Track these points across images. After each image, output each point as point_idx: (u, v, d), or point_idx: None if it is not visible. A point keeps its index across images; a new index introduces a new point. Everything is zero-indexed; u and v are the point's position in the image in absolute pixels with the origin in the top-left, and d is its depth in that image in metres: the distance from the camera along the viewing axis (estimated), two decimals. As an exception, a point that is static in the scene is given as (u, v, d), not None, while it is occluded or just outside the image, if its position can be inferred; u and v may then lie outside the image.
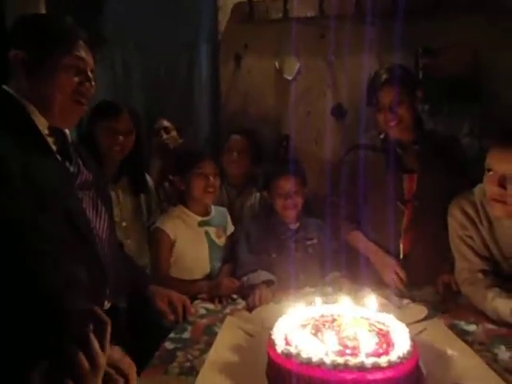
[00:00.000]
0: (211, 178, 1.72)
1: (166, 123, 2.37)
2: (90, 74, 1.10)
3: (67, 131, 1.13)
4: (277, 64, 2.40)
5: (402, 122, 1.62)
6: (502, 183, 1.23)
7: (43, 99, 1.03)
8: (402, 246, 1.67)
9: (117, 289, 1.14)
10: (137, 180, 1.79)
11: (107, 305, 1.12)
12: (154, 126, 2.37)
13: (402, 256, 1.66)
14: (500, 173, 1.23)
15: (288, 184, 1.71)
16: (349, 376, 0.86)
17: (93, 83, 1.11)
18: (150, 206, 1.89)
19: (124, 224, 1.71)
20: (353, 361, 0.87)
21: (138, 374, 1.00)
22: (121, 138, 1.66)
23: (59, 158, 1.06)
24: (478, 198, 1.43)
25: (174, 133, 2.37)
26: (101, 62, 2.62)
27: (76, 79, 1.06)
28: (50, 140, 1.05)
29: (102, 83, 2.58)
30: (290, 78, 2.40)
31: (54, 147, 1.06)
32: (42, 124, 1.04)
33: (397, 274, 1.59)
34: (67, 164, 1.08)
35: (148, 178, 1.93)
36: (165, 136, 2.35)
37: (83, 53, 1.08)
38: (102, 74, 2.61)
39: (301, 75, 2.39)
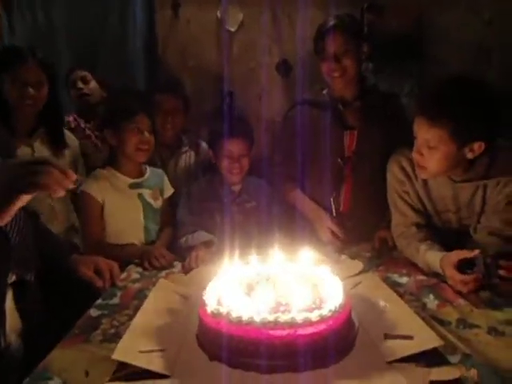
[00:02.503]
0: (145, 133, 1.59)
1: (80, 72, 2.11)
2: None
3: None
4: (218, 14, 2.24)
5: (345, 73, 1.58)
6: (419, 151, 1.27)
7: None
8: (341, 203, 1.67)
9: (24, 262, 1.02)
10: (55, 134, 1.61)
11: (12, 277, 0.99)
12: (69, 77, 2.11)
13: (340, 212, 1.66)
14: (419, 141, 1.27)
15: (236, 147, 1.62)
16: (279, 333, 0.83)
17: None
18: (76, 165, 1.73)
19: None
20: (283, 317, 0.84)
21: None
22: (31, 90, 1.47)
23: None
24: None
25: (93, 83, 2.12)
26: (19, 6, 2.31)
27: None
28: None
29: (21, 31, 2.28)
30: (232, 29, 2.26)
31: None
32: None
33: (332, 231, 1.59)
34: None
35: (70, 134, 1.76)
36: (81, 86, 2.10)
37: None
38: (20, 18, 2.30)
39: (244, 27, 2.25)
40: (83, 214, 1.60)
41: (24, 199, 0.80)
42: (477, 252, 1.16)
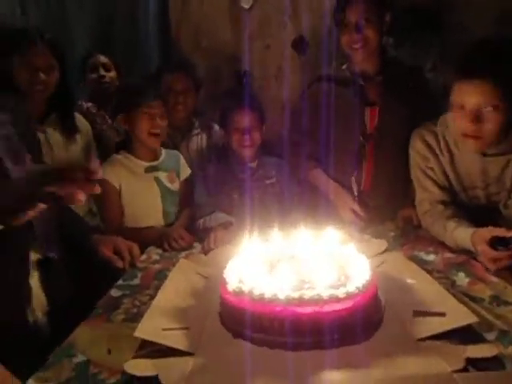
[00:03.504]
0: (158, 119, 1.56)
1: (103, 59, 2.06)
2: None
3: None
4: (232, -10, 2.18)
5: (367, 44, 1.51)
6: (476, 118, 1.16)
7: None
8: (363, 181, 1.62)
9: (47, 240, 1.02)
10: (66, 119, 1.60)
11: (35, 256, 1.00)
12: (88, 61, 2.05)
13: (362, 191, 1.62)
14: (472, 107, 1.16)
15: (245, 118, 1.59)
16: (305, 310, 0.81)
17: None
18: (89, 150, 1.72)
19: None
20: (309, 294, 0.81)
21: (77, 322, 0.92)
22: (41, 75, 1.45)
23: None
24: (439, 129, 1.38)
25: (113, 73, 2.07)
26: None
27: None
28: None
29: (32, 10, 2.26)
30: (246, 6, 2.19)
31: None
32: None
33: (354, 210, 1.55)
34: None
35: (81, 118, 1.74)
36: (104, 73, 2.04)
37: None
38: (33, 3, 2.29)
39: (258, 3, 2.18)
40: (101, 200, 1.59)
41: (40, 208, 0.78)
42: None
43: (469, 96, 1.17)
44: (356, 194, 1.60)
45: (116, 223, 1.58)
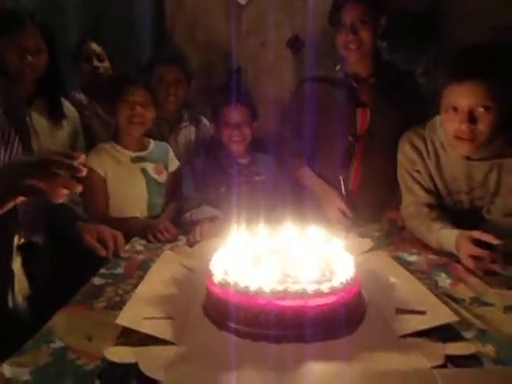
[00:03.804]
0: (138, 107, 1.54)
1: (96, 47, 2.01)
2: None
3: None
4: (228, -14, 2.17)
5: (362, 45, 1.53)
6: (470, 119, 1.18)
7: None
8: (351, 181, 1.63)
9: (31, 225, 1.00)
10: (53, 104, 1.57)
11: (20, 240, 0.98)
12: (81, 48, 2.01)
13: (350, 191, 1.63)
14: (466, 109, 1.18)
15: (235, 113, 1.60)
16: (289, 303, 0.81)
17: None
18: (76, 137, 1.69)
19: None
20: (294, 288, 0.81)
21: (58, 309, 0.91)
22: (29, 57, 1.42)
23: None
24: (427, 133, 1.40)
25: (107, 63, 2.03)
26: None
27: None
28: None
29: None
30: (243, 2, 2.18)
31: None
32: None
33: (341, 209, 1.56)
34: None
35: (69, 105, 1.71)
36: (97, 64, 2.00)
37: None
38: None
39: (254, 1, 2.18)
40: (86, 189, 1.56)
41: (19, 200, 0.76)
42: (499, 242, 1.10)
43: (462, 97, 1.19)
44: (344, 193, 1.61)
45: (101, 212, 1.56)
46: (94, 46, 2.01)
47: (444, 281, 1.08)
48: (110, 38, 2.19)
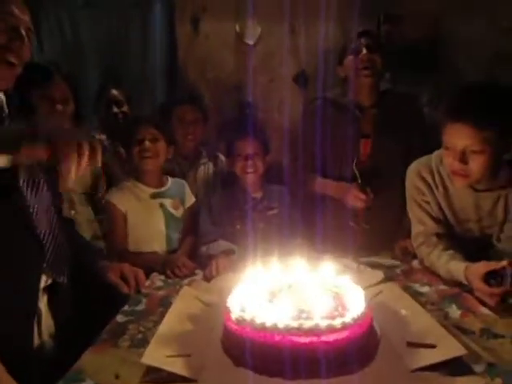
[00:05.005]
0: (147, 142, 1.64)
1: (115, 94, 2.10)
2: (23, 31, 0.98)
3: (1, 96, 1.02)
4: (237, 27, 2.30)
5: (374, 68, 1.64)
6: (462, 159, 1.23)
7: None
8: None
9: (58, 265, 1.07)
10: None
11: (48, 281, 1.05)
12: (103, 95, 2.11)
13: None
14: (459, 149, 1.23)
15: (247, 145, 1.68)
16: (303, 339, 0.85)
17: (26, 42, 0.99)
18: (98, 178, 1.80)
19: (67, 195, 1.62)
20: (307, 324, 0.86)
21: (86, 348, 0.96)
22: (59, 106, 1.55)
23: None
24: (434, 164, 1.44)
25: (126, 108, 2.12)
26: (47, 23, 2.41)
27: (4, 36, 0.94)
28: None
29: (50, 46, 2.38)
30: (251, 42, 2.31)
31: None
32: None
33: (358, 196, 1.62)
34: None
35: None
36: (116, 110, 2.09)
37: (15, 9, 0.96)
38: (50, 35, 2.40)
39: (262, 40, 2.30)
40: (108, 223, 1.66)
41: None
42: (505, 263, 1.13)
43: (454, 138, 1.23)
44: (359, 181, 1.66)
45: (120, 246, 1.63)
46: (114, 92, 2.11)
47: (455, 312, 1.11)
48: (126, 81, 2.33)
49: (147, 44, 2.46)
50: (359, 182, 1.65)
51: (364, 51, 1.64)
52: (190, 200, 1.80)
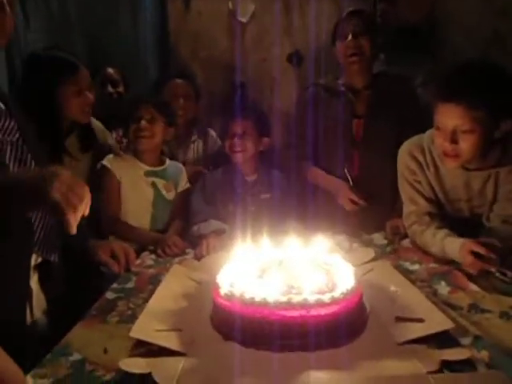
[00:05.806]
0: (143, 121, 1.62)
1: (113, 73, 2.05)
2: (4, 2, 0.94)
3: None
4: (230, 4, 2.24)
5: (362, 53, 1.62)
6: (453, 139, 1.22)
7: None
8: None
9: (47, 244, 1.06)
10: (87, 135, 1.67)
11: (38, 259, 1.04)
12: (97, 75, 2.03)
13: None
14: (450, 129, 1.22)
15: (236, 124, 1.66)
16: (292, 313, 0.85)
17: (9, 13, 0.96)
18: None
19: None
20: (296, 298, 0.86)
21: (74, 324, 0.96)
22: (90, 96, 1.54)
23: None
24: (426, 143, 1.44)
25: (121, 87, 2.08)
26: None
27: None
28: None
29: (34, 22, 2.31)
30: (244, 20, 2.26)
31: None
32: None
33: (352, 199, 1.65)
34: None
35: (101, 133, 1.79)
36: (110, 90, 2.05)
37: None
38: (34, 9, 2.32)
39: (255, 18, 2.26)
40: (103, 189, 1.63)
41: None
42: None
43: (445, 118, 1.23)
44: (351, 183, 1.71)
45: (114, 214, 1.62)
46: (110, 71, 2.06)
47: (443, 288, 1.12)
48: (116, 60, 2.28)
49: (137, 21, 2.39)
50: (351, 183, 1.69)
51: (350, 37, 1.62)
52: (184, 185, 1.78)
